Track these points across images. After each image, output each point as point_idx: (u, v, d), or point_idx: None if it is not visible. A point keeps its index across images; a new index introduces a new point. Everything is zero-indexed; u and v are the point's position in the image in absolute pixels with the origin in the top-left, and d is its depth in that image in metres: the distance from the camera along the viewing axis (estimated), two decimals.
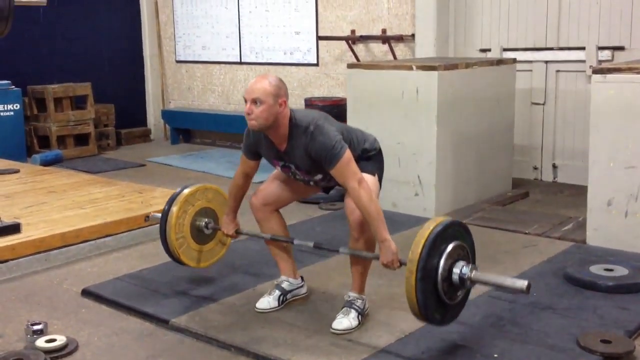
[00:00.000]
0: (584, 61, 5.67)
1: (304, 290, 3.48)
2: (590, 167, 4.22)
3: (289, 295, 3.40)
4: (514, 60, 5.62)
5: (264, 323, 3.22)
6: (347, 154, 2.94)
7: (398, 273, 3.81)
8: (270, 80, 2.97)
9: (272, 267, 3.73)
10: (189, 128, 8.61)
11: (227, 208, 3.43)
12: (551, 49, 5.89)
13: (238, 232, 3.45)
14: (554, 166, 6.02)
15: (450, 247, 2.68)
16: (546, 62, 5.92)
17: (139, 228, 4.56)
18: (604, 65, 4.63)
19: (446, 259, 2.66)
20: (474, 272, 2.71)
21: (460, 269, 2.69)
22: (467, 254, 2.77)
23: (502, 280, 2.73)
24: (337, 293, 3.45)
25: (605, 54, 5.57)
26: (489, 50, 6.22)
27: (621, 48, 5.51)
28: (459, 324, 3.14)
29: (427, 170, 4.90)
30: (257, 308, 3.34)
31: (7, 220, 4.28)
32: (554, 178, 6.03)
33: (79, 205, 4.87)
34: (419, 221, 4.76)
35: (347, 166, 2.92)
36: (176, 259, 3.48)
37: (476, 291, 3.52)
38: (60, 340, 3.01)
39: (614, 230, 4.12)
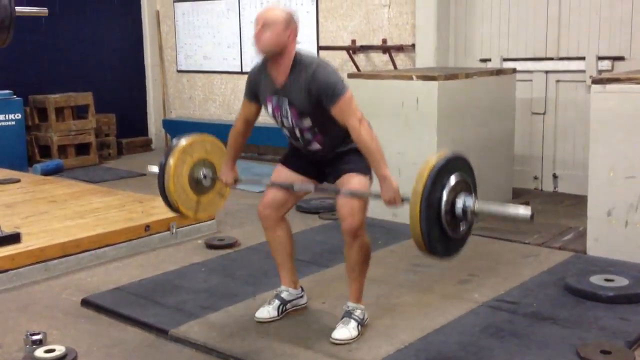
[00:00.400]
0: (584, 71, 5.68)
1: (303, 300, 3.47)
2: (590, 177, 4.22)
3: (288, 305, 3.40)
4: (514, 70, 5.62)
5: (263, 333, 3.21)
6: (349, 93, 2.94)
7: (399, 283, 3.82)
8: (282, 10, 2.99)
9: (271, 277, 3.74)
10: None
11: (226, 156, 3.38)
12: (551, 59, 5.90)
13: (237, 182, 3.39)
14: (555, 176, 6.02)
15: (452, 179, 2.69)
16: (546, 72, 5.93)
17: (139, 238, 4.56)
18: (603, 75, 4.64)
19: (449, 191, 2.67)
20: (476, 203, 2.71)
21: (463, 201, 2.69)
22: (470, 186, 2.77)
23: (505, 210, 2.73)
24: (336, 303, 3.45)
25: (605, 64, 5.58)
26: (489, 60, 6.23)
27: (621, 58, 5.52)
28: (458, 335, 3.14)
29: None
30: (256, 317, 3.34)
31: (8, 230, 4.28)
32: (555, 188, 6.03)
33: (80, 215, 4.87)
34: None
35: (348, 104, 2.91)
36: (174, 209, 3.40)
37: (476, 301, 3.53)
38: (60, 350, 3.01)
39: (614, 240, 4.12)
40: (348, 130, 3.00)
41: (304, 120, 3.04)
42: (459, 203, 2.69)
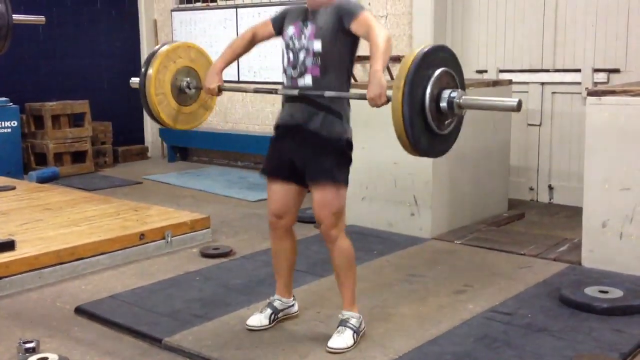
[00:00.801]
0: (579, 83, 5.70)
1: (295, 308, 3.47)
2: (585, 188, 4.23)
3: (280, 314, 3.40)
4: (510, 82, 5.64)
5: (257, 342, 3.20)
6: (371, 14, 2.98)
7: (394, 293, 3.82)
8: None
9: (266, 286, 3.73)
10: (186, 146, 8.62)
11: (218, 58, 3.30)
12: (547, 70, 5.92)
13: (221, 90, 3.31)
14: (550, 187, 6.03)
15: (437, 71, 2.65)
16: (542, 83, 5.96)
17: (133, 246, 4.55)
18: (599, 87, 4.66)
19: (434, 81, 2.63)
20: (462, 97, 2.66)
21: (449, 94, 2.65)
22: (456, 81, 2.73)
23: (491, 102, 2.71)
24: (331, 313, 3.44)
25: (601, 76, 5.60)
26: (485, 71, 6.25)
27: (616, 70, 5.54)
28: (453, 345, 3.14)
29: (423, 191, 4.90)
30: (247, 325, 3.34)
31: (2, 237, 4.27)
32: (550, 199, 6.04)
33: (74, 223, 4.86)
34: (415, 241, 4.78)
35: (371, 17, 2.94)
36: (155, 117, 3.33)
37: (471, 312, 3.53)
38: (53, 358, 3.00)
39: (609, 252, 4.12)
40: (343, 99, 3.05)
41: (315, 40, 3.01)
42: (444, 94, 2.64)
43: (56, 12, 7.89)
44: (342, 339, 3.10)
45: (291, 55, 3.10)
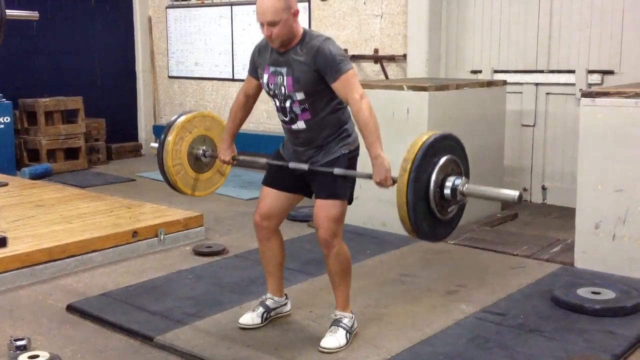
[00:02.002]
0: (573, 84, 5.71)
1: (287, 308, 3.47)
2: (578, 189, 4.24)
3: (272, 313, 3.39)
4: (505, 82, 5.65)
5: (249, 341, 3.20)
6: (353, 70, 2.96)
7: (387, 293, 3.82)
8: None
9: (258, 285, 3.72)
10: None
11: (225, 132, 3.36)
12: (541, 71, 5.93)
13: (234, 159, 3.36)
14: (544, 188, 6.04)
15: (443, 158, 2.70)
16: (536, 84, 5.97)
17: (126, 244, 4.53)
18: (593, 89, 4.66)
19: (439, 170, 2.68)
20: (466, 185, 2.71)
21: (453, 181, 2.70)
22: (460, 169, 2.78)
23: (493, 192, 2.75)
24: (324, 312, 3.44)
25: (595, 78, 5.62)
26: (480, 71, 6.25)
27: (611, 72, 5.56)
28: (445, 345, 3.14)
29: None
30: (239, 323, 3.33)
31: None
32: (543, 200, 6.05)
33: (67, 220, 4.84)
34: (409, 241, 4.77)
35: (352, 79, 2.92)
36: (173, 186, 3.41)
37: (463, 312, 3.53)
38: (44, 356, 2.98)
39: (601, 253, 4.13)
40: (339, 118, 3.05)
41: (296, 92, 3.01)
42: (448, 182, 2.69)
43: (50, 7, 7.87)
44: (334, 339, 3.10)
45: (277, 102, 3.10)
